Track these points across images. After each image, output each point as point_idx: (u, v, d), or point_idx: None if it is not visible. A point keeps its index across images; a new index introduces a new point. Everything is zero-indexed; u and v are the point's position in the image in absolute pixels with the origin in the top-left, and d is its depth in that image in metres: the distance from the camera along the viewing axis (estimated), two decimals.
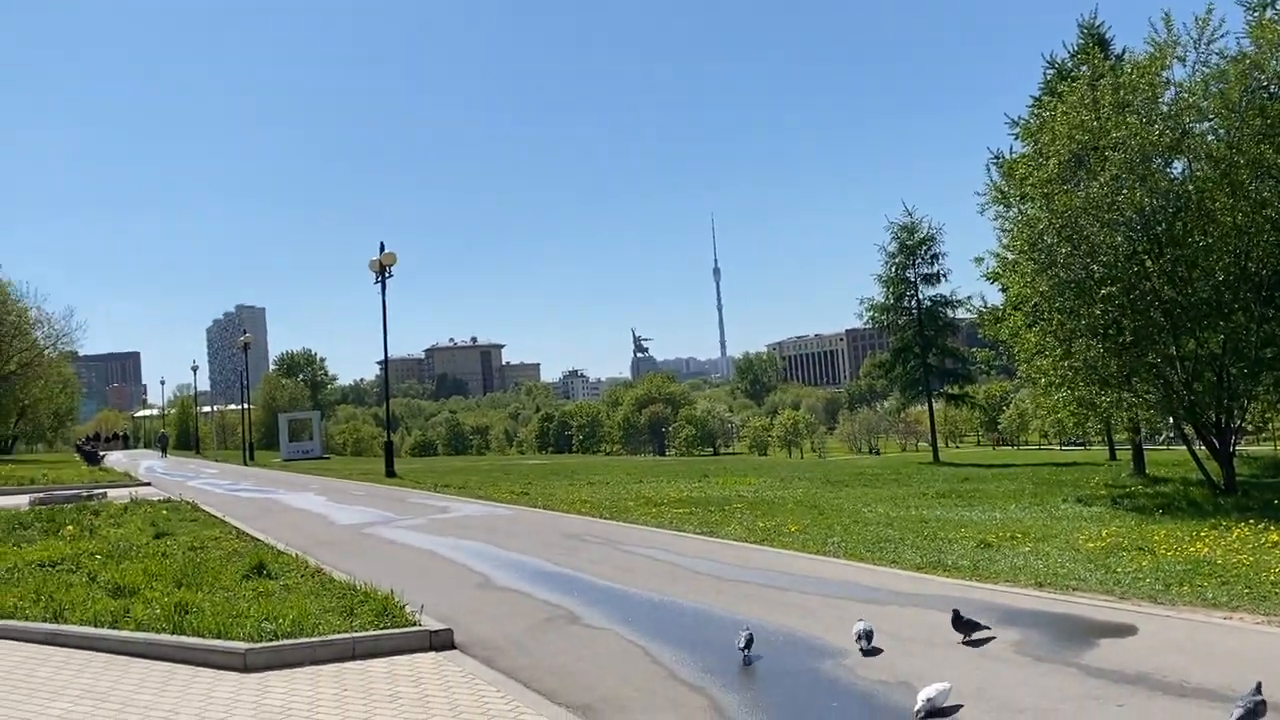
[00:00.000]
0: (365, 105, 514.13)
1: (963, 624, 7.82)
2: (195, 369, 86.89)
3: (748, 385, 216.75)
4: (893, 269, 40.85)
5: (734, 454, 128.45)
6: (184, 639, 8.13)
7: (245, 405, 69.67)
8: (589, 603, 10.09)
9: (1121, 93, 18.01)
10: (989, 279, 24.76)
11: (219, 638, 8.04)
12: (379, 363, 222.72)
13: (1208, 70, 18.14)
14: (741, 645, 7.68)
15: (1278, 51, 17.46)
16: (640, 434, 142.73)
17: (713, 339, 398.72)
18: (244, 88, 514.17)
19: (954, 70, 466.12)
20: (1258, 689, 5.72)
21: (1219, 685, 6.58)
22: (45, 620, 9.11)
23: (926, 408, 44.77)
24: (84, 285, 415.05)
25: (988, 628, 7.94)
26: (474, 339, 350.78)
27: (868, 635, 7.79)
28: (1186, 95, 18.11)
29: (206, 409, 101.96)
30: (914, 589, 10.20)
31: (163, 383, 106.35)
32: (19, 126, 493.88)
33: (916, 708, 6.12)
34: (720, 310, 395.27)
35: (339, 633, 8.16)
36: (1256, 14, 18.57)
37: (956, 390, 42.59)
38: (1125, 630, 8.20)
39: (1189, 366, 18.19)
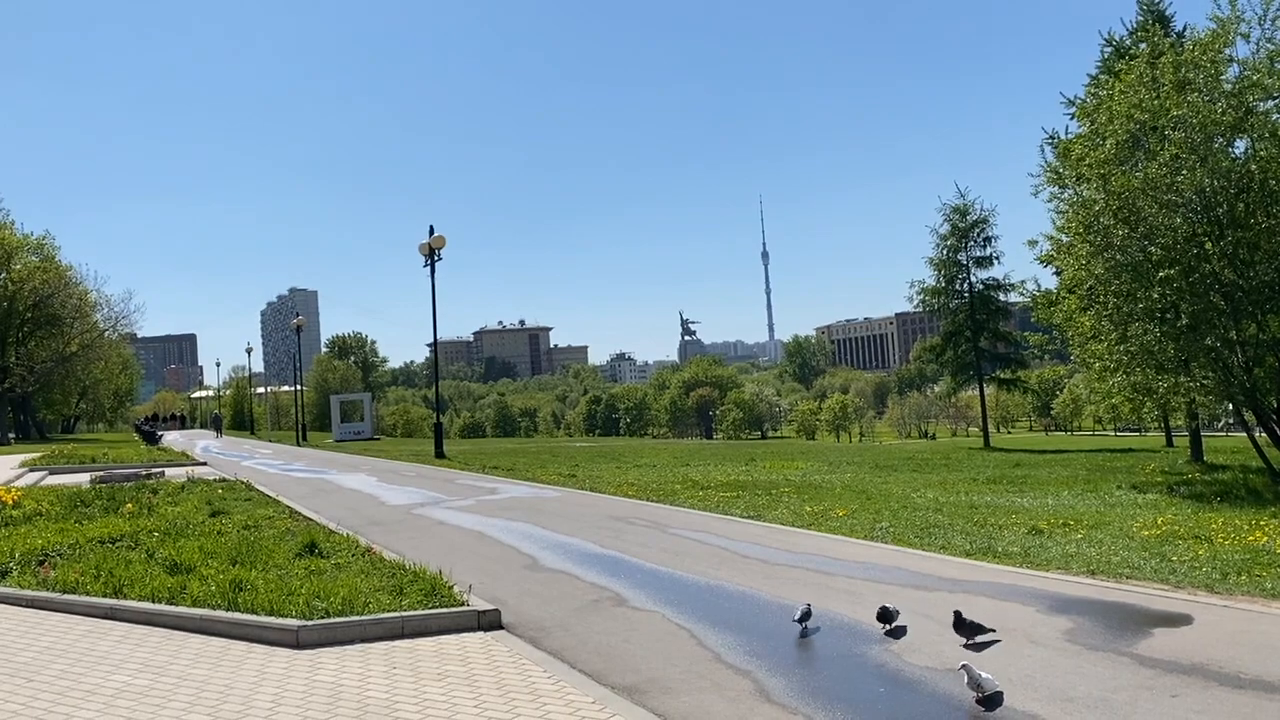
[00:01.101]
0: (416, 87, 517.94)
1: (965, 626, 7.45)
2: (249, 351, 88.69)
3: (796, 369, 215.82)
4: (944, 251, 40.39)
5: (781, 438, 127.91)
6: (238, 615, 8.28)
7: (298, 387, 70.84)
8: (635, 585, 10.12)
9: (1182, 70, 17.56)
10: (1043, 262, 24.30)
11: (272, 615, 8.19)
12: (428, 345, 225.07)
13: (1273, 47, 17.62)
14: (797, 618, 7.92)
15: None
16: (687, 417, 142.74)
17: (761, 322, 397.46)
18: (298, 70, 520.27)
19: (1009, 50, 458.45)
20: None
21: (1277, 677, 6.45)
22: (106, 596, 9.32)
23: (978, 392, 44.24)
24: (142, 268, 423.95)
25: (992, 630, 7.58)
26: (522, 322, 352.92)
27: (886, 615, 7.89)
28: (1250, 73, 17.62)
29: (260, 390, 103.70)
30: (963, 575, 10.10)
31: (218, 364, 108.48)
32: (78, 111, 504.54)
33: (966, 680, 6.11)
34: (768, 293, 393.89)
35: (389, 611, 8.26)
36: None
37: (1008, 375, 42.06)
38: (1180, 620, 8.06)
39: (1249, 351, 17.76)
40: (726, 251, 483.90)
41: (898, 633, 7.78)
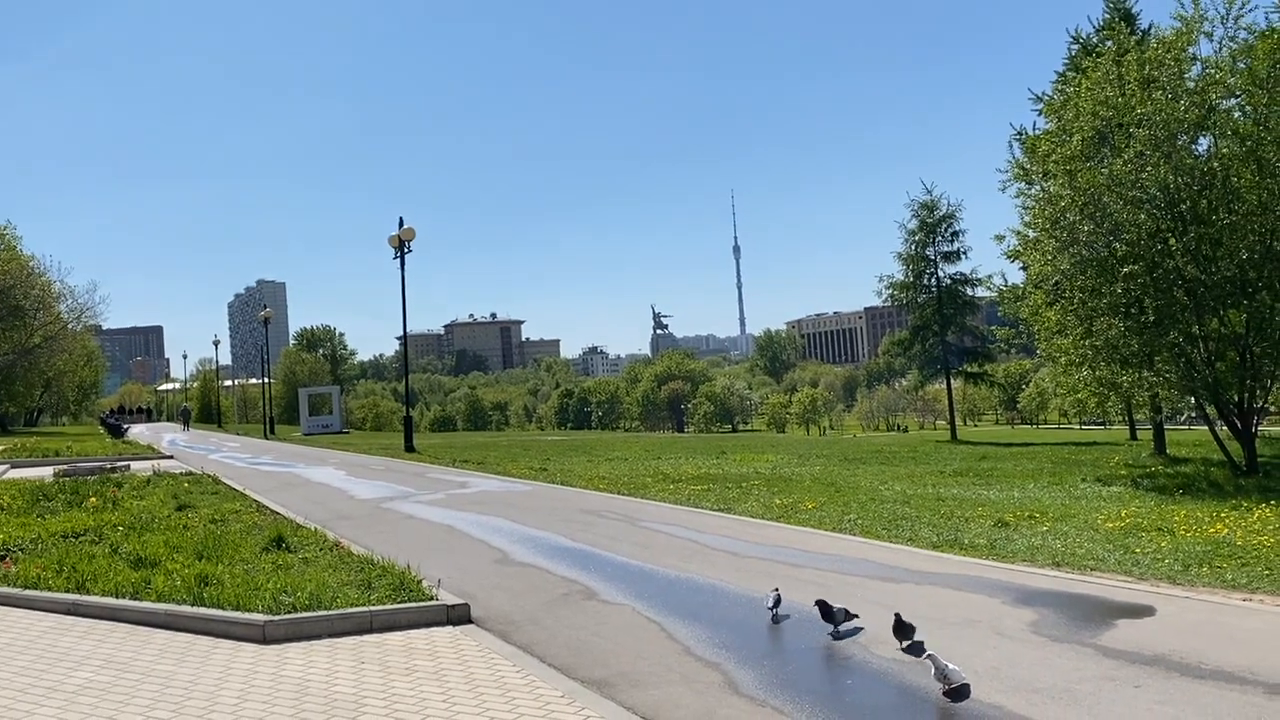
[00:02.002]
0: (387, 80, 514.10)
1: (904, 629, 7.28)
2: (217, 343, 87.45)
3: (767, 363, 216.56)
4: (913, 246, 40.57)
5: (752, 431, 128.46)
6: (204, 610, 8.21)
7: (266, 380, 70.24)
8: (606, 578, 10.13)
9: (1147, 69, 17.75)
10: (1009, 257, 24.48)
11: (238, 610, 8.12)
12: (398, 338, 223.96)
13: (1235, 46, 17.87)
14: (770, 605, 8.07)
15: None
16: (659, 411, 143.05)
17: (732, 316, 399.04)
18: (268, 61, 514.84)
19: (978, 46, 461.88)
20: None
21: (1237, 667, 6.55)
22: (68, 591, 9.22)
23: (945, 386, 44.56)
24: (108, 259, 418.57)
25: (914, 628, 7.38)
26: (494, 315, 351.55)
27: (830, 615, 7.71)
28: (1213, 71, 17.84)
29: (228, 383, 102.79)
30: (930, 567, 10.18)
31: (185, 357, 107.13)
32: (45, 99, 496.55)
33: (932, 671, 6.13)
34: (740, 288, 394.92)
35: (357, 606, 8.21)
36: None
37: (975, 368, 42.32)
38: (1143, 611, 8.16)
39: (1212, 346, 17.99)
40: (698, 246, 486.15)
41: (843, 634, 7.63)
